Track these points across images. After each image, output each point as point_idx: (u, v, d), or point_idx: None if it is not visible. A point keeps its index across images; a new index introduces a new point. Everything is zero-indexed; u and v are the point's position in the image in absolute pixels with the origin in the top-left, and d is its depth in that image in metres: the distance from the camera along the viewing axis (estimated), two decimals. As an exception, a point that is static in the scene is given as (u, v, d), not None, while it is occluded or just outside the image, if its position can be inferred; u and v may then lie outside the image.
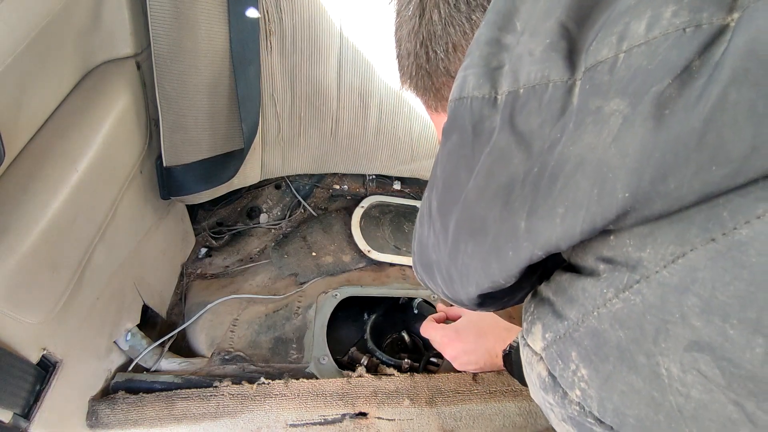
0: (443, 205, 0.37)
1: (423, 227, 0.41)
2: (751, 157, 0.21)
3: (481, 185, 0.32)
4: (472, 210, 0.33)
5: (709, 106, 0.22)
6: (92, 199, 0.79)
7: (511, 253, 0.31)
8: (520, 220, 0.30)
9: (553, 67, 0.29)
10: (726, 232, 0.23)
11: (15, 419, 0.69)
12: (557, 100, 0.28)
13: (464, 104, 0.33)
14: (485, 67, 0.32)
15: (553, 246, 0.29)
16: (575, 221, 0.27)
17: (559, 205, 0.28)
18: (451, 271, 0.38)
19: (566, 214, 0.27)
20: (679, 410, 0.26)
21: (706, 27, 0.23)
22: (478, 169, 0.33)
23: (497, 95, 0.31)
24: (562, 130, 0.28)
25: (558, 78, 0.28)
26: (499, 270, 0.33)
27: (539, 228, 0.29)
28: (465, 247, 0.35)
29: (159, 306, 1.11)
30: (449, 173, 0.36)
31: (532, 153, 0.29)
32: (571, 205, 0.27)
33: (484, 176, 0.32)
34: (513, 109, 0.30)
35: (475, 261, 0.34)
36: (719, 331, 0.23)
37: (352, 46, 1.12)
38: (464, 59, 0.35)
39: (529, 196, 0.29)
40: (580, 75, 0.28)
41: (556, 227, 0.28)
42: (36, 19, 0.69)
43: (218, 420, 0.86)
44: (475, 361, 0.84)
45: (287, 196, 1.45)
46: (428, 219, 0.39)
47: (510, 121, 0.30)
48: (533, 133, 0.29)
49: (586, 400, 0.31)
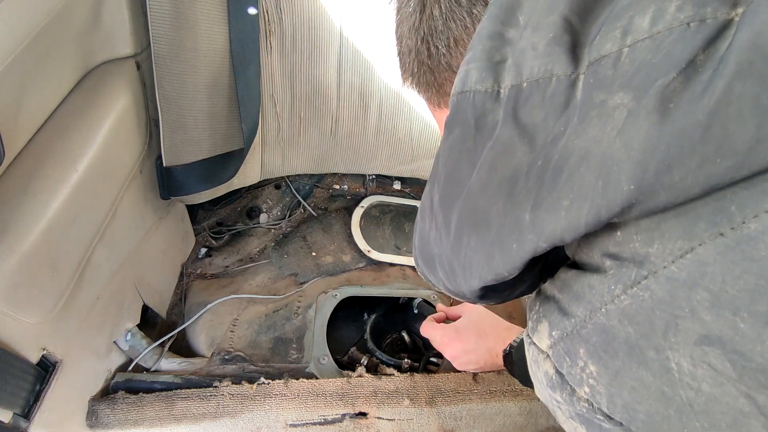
0: (445, 199, 0.37)
1: (424, 221, 0.41)
2: (755, 149, 0.21)
3: (485, 178, 0.32)
4: (475, 203, 0.33)
5: (714, 99, 0.22)
6: (92, 199, 0.79)
7: (516, 245, 0.31)
8: (525, 213, 0.30)
9: (556, 61, 0.29)
10: (734, 226, 0.23)
11: (15, 419, 0.69)
12: (561, 93, 0.29)
13: (467, 98, 0.33)
14: (488, 61, 0.32)
15: (558, 238, 0.29)
16: (580, 213, 0.27)
17: (564, 197, 0.28)
18: (454, 265, 0.38)
19: (571, 206, 0.27)
20: (690, 404, 0.26)
21: (711, 21, 0.23)
22: (480, 162, 0.33)
23: (500, 89, 0.32)
24: (566, 123, 0.28)
25: (561, 72, 0.29)
26: (503, 262, 0.33)
27: (544, 220, 0.29)
28: (468, 240, 0.35)
29: (159, 306, 1.11)
30: (451, 167, 0.36)
31: (535, 146, 0.30)
32: (576, 198, 0.27)
33: (487, 169, 0.32)
34: (516, 102, 0.30)
35: (478, 254, 0.34)
36: (730, 325, 0.23)
37: (352, 46, 1.12)
38: (466, 53, 0.35)
39: (534, 189, 0.29)
40: (584, 69, 0.28)
41: (560, 219, 0.28)
42: (36, 19, 0.69)
43: (218, 420, 0.86)
44: (476, 360, 0.84)
45: (287, 196, 1.45)
46: (430, 213, 0.39)
47: (513, 115, 0.30)
48: (537, 126, 0.30)
49: (594, 396, 0.31)
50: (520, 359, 0.71)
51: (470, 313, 0.90)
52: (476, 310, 0.89)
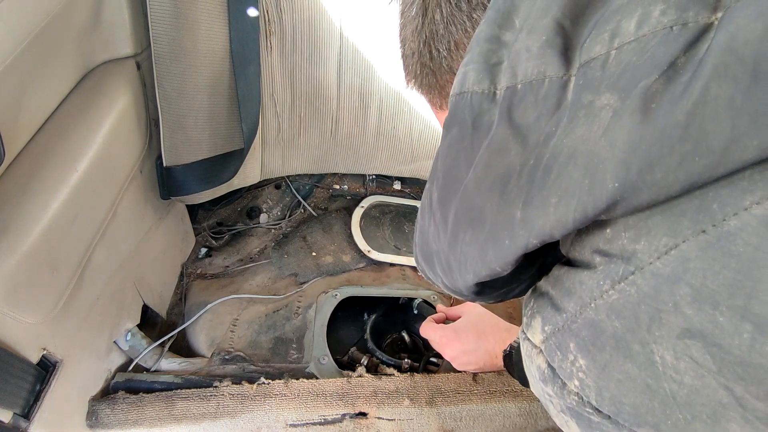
0: (444, 196, 0.38)
1: (424, 219, 0.42)
2: (730, 149, 0.22)
3: (480, 176, 0.33)
4: (470, 200, 0.35)
5: (692, 100, 0.23)
6: (92, 199, 0.79)
7: (507, 241, 0.32)
8: (516, 210, 0.31)
9: (549, 63, 0.30)
10: (716, 223, 0.24)
11: (15, 419, 0.69)
12: (553, 95, 0.30)
13: (464, 99, 0.34)
14: (485, 63, 0.33)
15: (547, 234, 0.30)
16: (567, 210, 0.28)
17: (553, 194, 0.29)
18: (450, 260, 0.39)
19: (559, 204, 0.28)
20: (673, 397, 0.26)
21: (692, 25, 0.24)
22: (477, 161, 0.34)
23: (496, 90, 0.33)
24: (557, 123, 0.29)
25: (554, 74, 0.30)
26: (495, 258, 0.34)
27: (534, 217, 0.30)
28: (464, 236, 0.36)
29: (159, 306, 1.11)
30: (449, 165, 0.37)
31: (528, 145, 0.31)
32: (563, 195, 0.28)
33: (482, 168, 0.33)
34: (511, 103, 0.31)
35: (473, 249, 0.35)
36: (709, 319, 0.24)
37: (352, 46, 1.12)
38: (465, 56, 0.36)
39: (525, 187, 0.30)
40: (575, 71, 0.29)
41: (549, 216, 0.29)
42: (36, 19, 0.69)
43: (218, 420, 0.86)
44: (475, 361, 0.83)
45: (287, 196, 1.45)
46: (429, 210, 0.41)
47: (508, 115, 0.32)
48: (530, 126, 0.31)
49: (584, 389, 0.31)
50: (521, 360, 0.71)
51: (470, 314, 0.89)
52: (476, 310, 0.89)
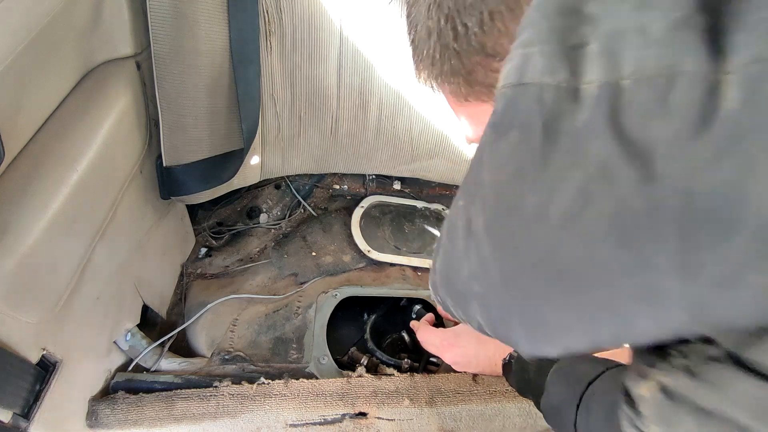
0: (500, 228, 0.28)
1: (455, 246, 0.31)
2: None
3: (570, 209, 0.24)
4: (553, 242, 0.25)
5: None
6: (92, 199, 0.79)
7: (646, 320, 0.23)
8: (664, 276, 0.22)
9: (685, 52, 0.20)
10: None
11: (15, 419, 0.69)
12: (695, 102, 0.20)
13: (528, 93, 0.25)
14: (559, 44, 0.24)
15: (734, 326, 0.21)
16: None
17: (734, 260, 0.20)
18: (511, 317, 0.30)
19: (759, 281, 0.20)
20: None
21: None
22: (558, 185, 0.24)
23: (580, 85, 0.23)
24: (712, 149, 0.20)
25: (695, 69, 0.20)
26: (613, 336, 0.25)
27: (707, 296, 0.21)
28: (547, 293, 0.27)
29: (159, 306, 1.11)
30: (507, 184, 0.27)
31: (655, 174, 0.21)
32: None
33: (572, 197, 0.24)
34: (615, 107, 0.22)
35: (566, 316, 0.26)
36: None
37: (352, 46, 1.12)
38: (520, 32, 0.27)
39: (674, 241, 0.21)
40: (733, 68, 0.20)
41: (746, 300, 0.20)
42: (36, 19, 0.69)
43: (218, 420, 0.86)
44: (475, 366, 0.83)
45: (287, 196, 1.45)
46: (466, 237, 0.30)
47: (612, 124, 0.22)
48: (655, 144, 0.21)
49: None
50: (520, 370, 0.70)
51: None
52: None
